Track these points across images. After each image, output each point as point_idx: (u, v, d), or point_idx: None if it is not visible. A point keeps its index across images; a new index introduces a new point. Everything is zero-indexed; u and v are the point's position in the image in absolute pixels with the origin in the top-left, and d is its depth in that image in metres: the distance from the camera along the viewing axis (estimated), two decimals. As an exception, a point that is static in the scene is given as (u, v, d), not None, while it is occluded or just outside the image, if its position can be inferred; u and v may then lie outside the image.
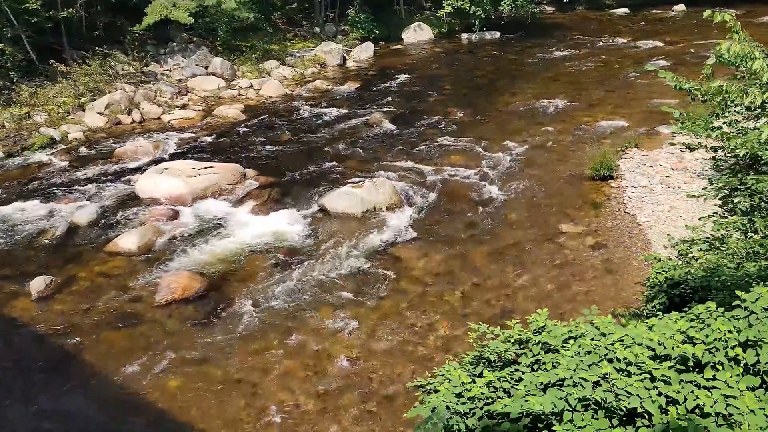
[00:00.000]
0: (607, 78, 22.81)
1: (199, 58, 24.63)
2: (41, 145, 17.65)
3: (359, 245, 11.66)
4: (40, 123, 18.71)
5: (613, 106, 19.33)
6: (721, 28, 5.23)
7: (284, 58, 27.08)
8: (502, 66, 26.42)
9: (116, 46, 23.72)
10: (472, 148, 16.28)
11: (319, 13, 31.81)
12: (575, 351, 5.09)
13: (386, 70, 26.28)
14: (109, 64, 22.34)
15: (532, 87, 22.29)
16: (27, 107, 19.23)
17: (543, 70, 25.04)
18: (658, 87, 20.60)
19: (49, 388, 8.40)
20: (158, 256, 11.67)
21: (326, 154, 16.46)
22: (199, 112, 20.92)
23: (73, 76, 20.90)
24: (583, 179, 13.97)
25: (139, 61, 23.68)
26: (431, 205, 13.29)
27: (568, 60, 26.42)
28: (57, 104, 19.76)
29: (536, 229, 12.01)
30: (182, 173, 14.31)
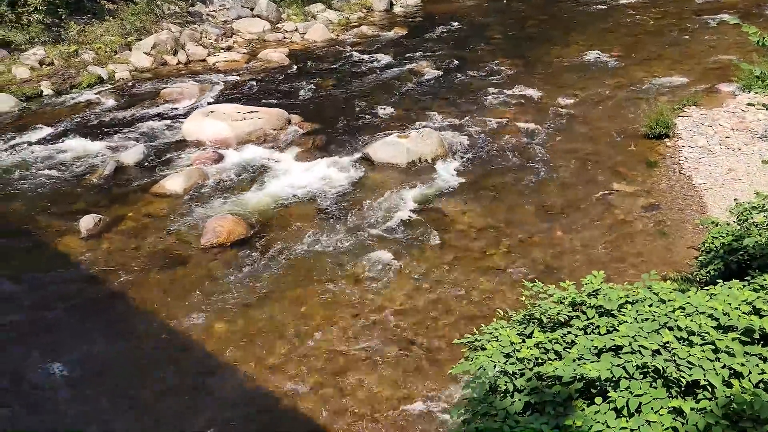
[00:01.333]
0: (667, 31, 21.77)
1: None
2: (89, 84, 17.76)
3: (403, 196, 11.51)
4: (87, 61, 18.79)
5: (671, 61, 18.47)
6: None
7: (330, 2, 26.52)
8: (556, 15, 25.44)
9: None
10: (522, 101, 15.82)
11: (366, -44, 30.91)
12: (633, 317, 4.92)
13: (434, 16, 25.57)
14: (156, 3, 22.18)
15: (586, 39, 21.44)
16: (75, 45, 19.32)
17: (598, 21, 24.02)
18: (719, 43, 19.62)
19: (96, 325, 8.60)
20: (203, 198, 11.73)
21: (371, 102, 16.20)
22: (244, 55, 20.74)
23: (120, 15, 20.86)
24: (637, 137, 13.47)
25: (185, 2, 23.47)
26: (478, 158, 13.01)
27: (625, 11, 25.27)
28: (104, 43, 19.79)
29: (586, 186, 11.68)
30: (227, 117, 14.27)
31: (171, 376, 7.70)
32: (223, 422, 7.01)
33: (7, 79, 17.49)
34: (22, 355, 8.11)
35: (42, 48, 18.89)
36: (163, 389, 7.50)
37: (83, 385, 7.59)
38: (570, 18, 24.84)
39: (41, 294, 9.24)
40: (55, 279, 9.59)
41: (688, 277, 8.16)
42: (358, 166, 12.72)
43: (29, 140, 14.30)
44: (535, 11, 26.23)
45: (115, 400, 7.37)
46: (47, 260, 10.05)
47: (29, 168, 13.10)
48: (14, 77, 17.64)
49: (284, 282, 9.32)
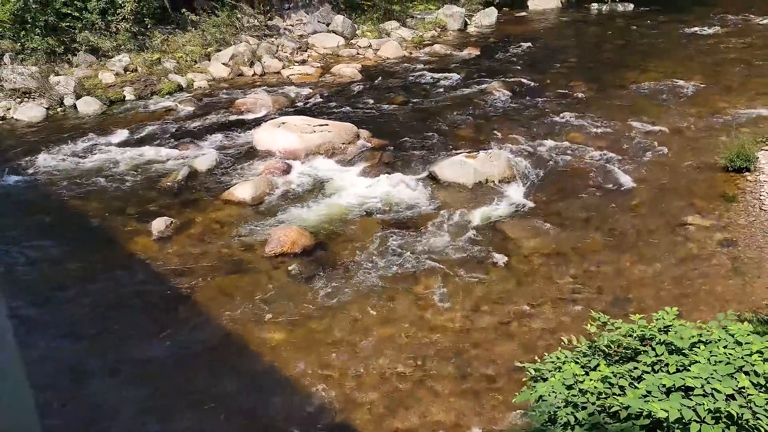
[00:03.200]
0: (751, 61, 20.96)
1: (321, 14, 24.80)
2: (168, 91, 18.47)
3: (468, 217, 11.41)
4: (168, 69, 19.55)
5: (755, 92, 17.74)
6: None
7: (405, 20, 26.80)
8: (633, 40, 24.89)
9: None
10: (595, 127, 15.48)
11: (443, -25, 31.10)
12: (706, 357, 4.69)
13: (508, 37, 25.44)
14: (236, 16, 22.94)
15: (664, 65, 20.85)
16: (158, 53, 20.14)
17: (677, 48, 23.36)
18: (809, 74, 18.75)
19: (161, 326, 8.83)
20: (270, 208, 11.95)
21: (440, 121, 16.19)
22: (318, 68, 21.13)
23: (202, 26, 21.64)
24: (715, 169, 12.95)
25: (264, 15, 24.17)
26: (546, 183, 12.78)
27: (707, 38, 24.50)
28: (185, 52, 20.56)
29: (659, 218, 11.28)
30: (298, 128, 14.52)
31: (228, 381, 7.81)
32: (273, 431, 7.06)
33: (93, 84, 18.37)
34: (87, 351, 8.40)
35: (127, 55, 19.77)
36: (219, 394, 7.61)
37: (144, 385, 7.79)
38: (648, 44, 24.25)
39: (111, 292, 9.58)
40: (125, 278, 9.93)
41: (766, 319, 7.74)
42: (424, 184, 12.70)
43: (110, 142, 14.96)
44: (612, 35, 25.75)
45: (174, 402, 7.53)
46: (119, 259, 10.43)
47: (108, 169, 13.68)
48: (100, 82, 18.53)
49: (344, 295, 9.35)
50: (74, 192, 12.74)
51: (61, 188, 12.91)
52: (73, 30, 19.62)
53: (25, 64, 18.24)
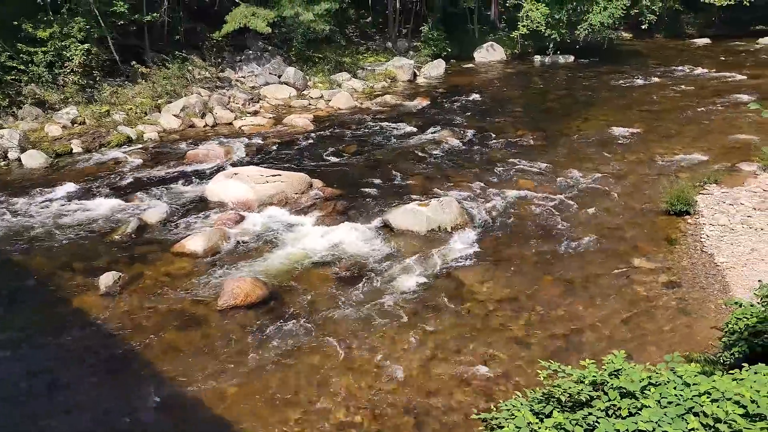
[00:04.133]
0: (685, 109, 22.06)
1: (272, 66, 25.11)
2: (118, 143, 18.26)
3: (422, 265, 11.50)
4: (118, 121, 19.38)
5: (690, 138, 18.63)
6: None
7: (355, 71, 27.33)
8: (575, 90, 25.92)
9: (195, 51, 24.47)
10: (542, 173, 15.94)
11: (392, 29, 32.02)
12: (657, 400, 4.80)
13: (456, 88, 26.17)
14: (187, 68, 23.02)
15: (606, 114, 21.76)
16: (107, 105, 19.98)
17: (617, 97, 24.43)
18: (738, 121, 19.81)
19: (109, 383, 8.53)
20: (223, 259, 11.81)
21: (393, 170, 16.41)
22: (270, 119, 21.27)
23: (153, 78, 21.61)
24: (657, 213, 13.45)
25: (215, 67, 24.33)
26: (498, 229, 13.03)
27: (644, 88, 25.72)
28: (135, 104, 20.44)
29: (607, 261, 11.59)
30: (250, 179, 14.50)
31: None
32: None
33: (39, 136, 18.04)
34: (32, 414, 8.04)
35: (75, 108, 19.54)
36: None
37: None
38: (590, 93, 25.29)
39: (56, 351, 9.23)
40: (71, 336, 9.59)
41: (712, 359, 7.97)
42: (377, 233, 12.78)
43: (56, 196, 14.63)
44: (555, 86, 26.77)
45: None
46: (63, 318, 10.06)
47: (52, 224, 13.33)
48: (46, 134, 18.21)
49: (299, 347, 9.23)
50: (16, 248, 12.35)
51: (3, 245, 12.49)
52: (19, 83, 19.35)
53: (-32, 117, 17.86)
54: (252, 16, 24.07)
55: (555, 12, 30.81)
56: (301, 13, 24.72)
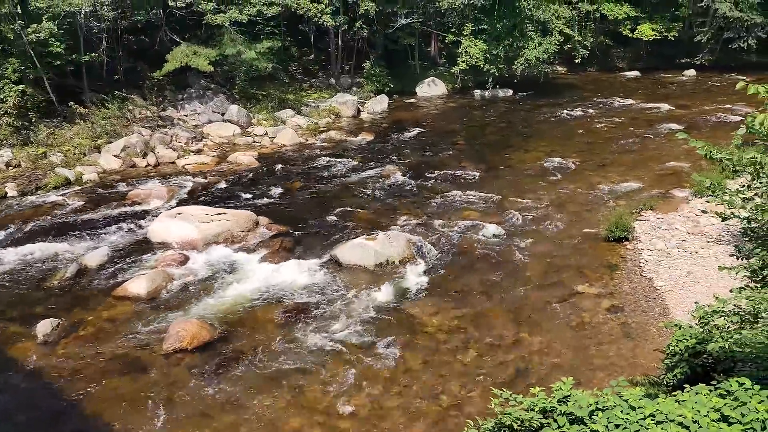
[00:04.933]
0: (619, 139, 22.94)
1: (216, 104, 24.96)
2: (55, 185, 17.73)
3: (371, 299, 11.49)
4: (55, 163, 18.85)
5: (626, 167, 19.36)
6: (732, 94, 5.20)
7: (299, 108, 27.41)
8: (515, 123, 26.65)
9: (135, 90, 24.12)
10: (486, 204, 16.25)
11: (335, 65, 32.35)
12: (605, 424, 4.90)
13: (400, 122, 26.55)
14: (127, 107, 22.67)
15: (545, 145, 22.41)
16: (44, 147, 19.43)
17: (555, 129, 25.23)
18: (669, 150, 20.70)
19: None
20: (167, 302, 11.53)
21: (339, 205, 16.45)
22: (214, 157, 21.08)
23: (92, 119, 21.18)
24: (598, 240, 13.86)
25: (157, 106, 24.02)
26: (445, 260, 13.16)
27: (580, 120, 26.66)
28: (74, 145, 19.96)
29: (552, 288, 11.84)
30: (195, 218, 14.29)
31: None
32: None
33: (-30, 181, 17.35)
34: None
35: (9, 150, 18.94)
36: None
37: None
38: (529, 126, 26.04)
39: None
40: (6, 389, 9.15)
41: (656, 380, 8.18)
42: (325, 268, 12.74)
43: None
44: (496, 119, 27.46)
45: None
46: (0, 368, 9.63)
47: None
48: (-22, 178, 17.52)
49: (248, 387, 9.05)
50: (-52, 297, 11.78)
51: (-67, 294, 11.91)
52: (-51, 125, 18.70)
53: None
54: (193, 55, 23.97)
55: (492, 48, 31.78)
56: (244, 51, 24.76)
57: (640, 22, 40.16)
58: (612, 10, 39.50)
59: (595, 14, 40.20)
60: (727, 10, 37.73)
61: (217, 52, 24.53)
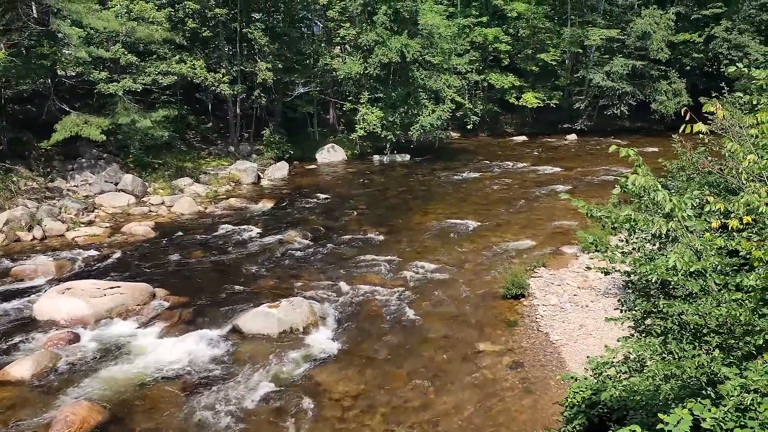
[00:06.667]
0: (512, 199, 24.11)
1: (108, 174, 24.16)
2: (-73, 264, 16.37)
3: (275, 368, 11.24)
4: (-73, 240, 17.46)
5: (519, 226, 20.30)
6: (610, 156, 5.70)
7: (198, 176, 27.05)
8: (413, 186, 27.46)
9: (20, 161, 22.99)
10: (388, 267, 16.47)
11: (234, 133, 32.32)
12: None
13: (301, 188, 26.70)
14: (11, 179, 21.51)
15: (443, 207, 23.18)
16: None
17: (451, 191, 26.20)
18: (558, 209, 21.94)
19: None
20: (55, 384, 10.76)
21: (241, 273, 16.16)
22: (107, 229, 20.26)
23: (-30, 191, 19.92)
24: (496, 297, 14.33)
25: (44, 177, 22.97)
26: (349, 325, 13.15)
27: (474, 182, 27.87)
28: (-51, 220, 18.61)
29: (454, 347, 12.06)
30: (86, 293, 13.58)
31: None
32: None
33: None
34: None
35: None
36: None
37: None
38: (426, 189, 26.91)
39: None
40: None
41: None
42: (227, 339, 12.39)
43: None
44: (395, 183, 28.19)
45: None
46: None
47: None
48: None
49: (146, 473, 8.53)
50: None
51: None
52: None
53: None
54: (84, 125, 23.24)
55: (389, 115, 32.96)
56: (138, 120, 24.32)
57: (524, 90, 43.08)
58: (498, 80, 42.22)
59: (483, 84, 42.75)
60: (601, 80, 41.21)
61: (110, 121, 23.95)
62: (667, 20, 40.55)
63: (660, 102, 41.86)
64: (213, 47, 30.91)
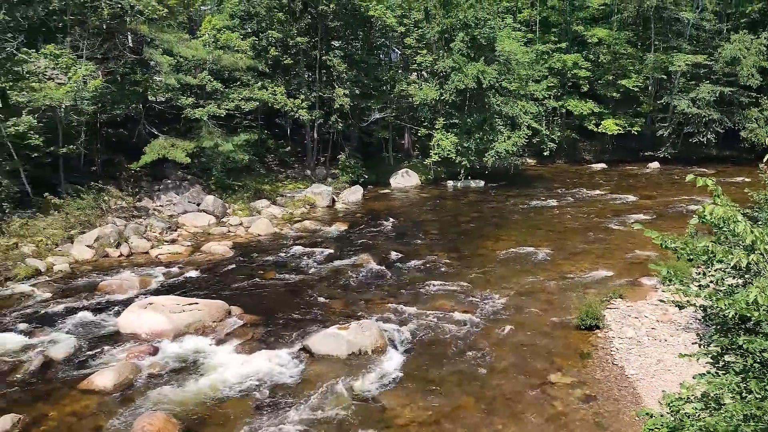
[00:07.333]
0: (588, 228, 23.53)
1: (192, 195, 25.20)
2: (25, 276, 17.51)
3: (343, 390, 11.33)
4: (26, 254, 18.68)
5: (595, 255, 19.77)
6: (692, 186, 5.50)
7: (275, 198, 27.81)
8: (487, 213, 27.25)
9: (112, 181, 24.37)
10: (459, 293, 16.37)
11: (311, 157, 33.12)
12: None
13: (374, 212, 26.98)
14: (103, 198, 22.80)
15: (516, 234, 22.87)
16: (15, 238, 19.28)
17: (526, 219, 25.83)
18: (637, 239, 21.21)
19: None
20: (135, 395, 11.24)
21: (312, 294, 16.45)
22: (188, 247, 21.09)
23: (66, 209, 21.19)
24: (570, 328, 13.98)
25: (133, 197, 24.22)
26: (417, 350, 13.12)
27: (550, 209, 27.37)
28: (46, 236, 19.84)
29: (524, 377, 11.82)
30: (166, 309, 14.16)
31: None
32: None
33: (-62, 272, 17.11)
34: None
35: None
36: None
37: None
38: (500, 215, 26.64)
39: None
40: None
41: (630, 470, 8.12)
42: (297, 359, 12.61)
43: (-47, 334, 13.70)
44: (468, 209, 28.06)
45: None
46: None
47: (-52, 364, 12.41)
48: (-53, 269, 17.29)
49: (216, 486, 8.75)
50: None
51: None
52: None
53: None
54: (171, 148, 24.46)
55: (464, 141, 32.95)
56: (221, 144, 25.34)
57: (604, 117, 42.09)
58: (577, 107, 41.46)
59: (561, 110, 42.13)
60: (686, 107, 39.81)
61: (195, 144, 25.08)
62: (759, 45, 38.89)
63: (750, 130, 39.99)
64: (293, 74, 31.88)
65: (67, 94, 21.06)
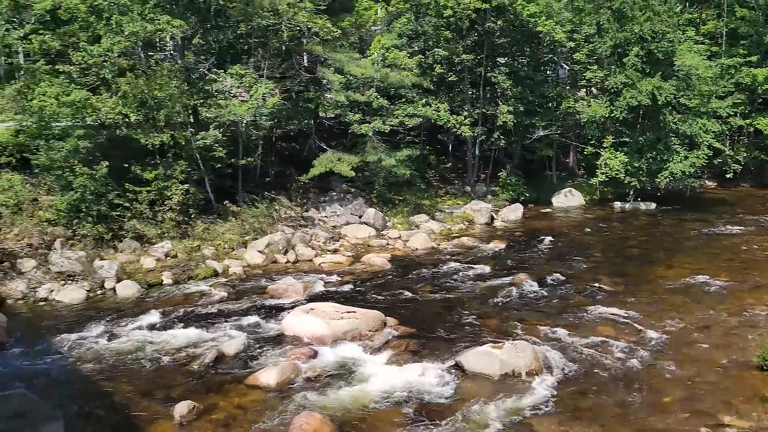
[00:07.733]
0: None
1: (354, 207, 26.23)
2: (205, 276, 19.22)
3: (495, 411, 11.14)
4: (206, 256, 20.49)
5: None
6: None
7: (434, 213, 28.10)
8: (657, 237, 25.53)
9: (283, 192, 26.07)
10: (621, 321, 15.46)
11: (471, 174, 33.08)
12: None
13: (534, 232, 26.33)
14: (274, 207, 24.44)
15: (690, 262, 21.18)
16: (198, 241, 21.24)
17: (702, 245, 23.83)
18: (837, 274, 18.79)
19: None
20: (294, 394, 11.86)
21: (466, 310, 16.36)
22: (349, 257, 21.93)
23: (242, 216, 22.98)
24: (749, 368, 12.66)
25: (301, 207, 25.72)
26: (574, 375, 12.56)
27: (731, 237, 25.03)
28: (224, 240, 21.66)
29: (694, 417, 10.86)
30: (326, 315, 14.81)
31: None
32: None
33: (134, 268, 19.27)
34: None
35: (170, 242, 20.87)
36: None
37: None
38: (673, 241, 24.84)
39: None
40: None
41: None
42: (449, 374, 12.59)
43: (143, 324, 15.33)
44: (636, 232, 26.47)
45: None
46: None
47: (138, 351, 13.89)
48: (141, 266, 19.43)
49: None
50: (102, 372, 12.88)
51: (91, 369, 13.06)
52: (122, 218, 20.99)
53: (74, 249, 19.31)
54: (338, 161, 25.67)
55: (634, 161, 31.13)
56: (384, 158, 26.14)
57: (800, 137, 37.74)
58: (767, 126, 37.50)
59: (749, 129, 38.43)
60: None
61: (360, 158, 26.10)
62: None
63: None
64: (457, 91, 32.11)
65: (248, 110, 22.95)
